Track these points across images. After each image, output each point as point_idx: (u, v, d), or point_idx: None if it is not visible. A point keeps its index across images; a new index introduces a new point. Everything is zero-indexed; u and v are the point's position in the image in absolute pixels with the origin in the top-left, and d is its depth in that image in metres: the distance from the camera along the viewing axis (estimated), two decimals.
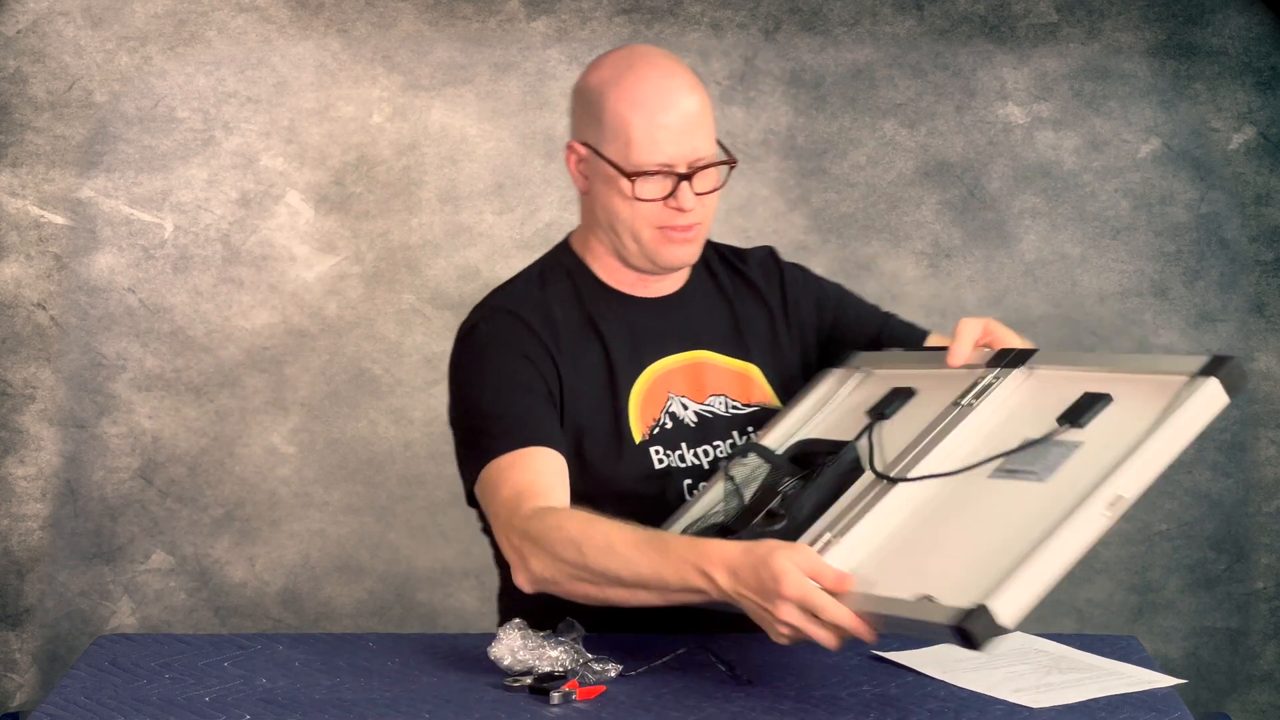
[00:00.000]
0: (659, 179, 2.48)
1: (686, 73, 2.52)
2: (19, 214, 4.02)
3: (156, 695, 2.21)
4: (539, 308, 2.55)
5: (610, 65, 2.53)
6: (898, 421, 2.44)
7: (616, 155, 2.48)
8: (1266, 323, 4.12)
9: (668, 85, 2.49)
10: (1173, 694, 2.21)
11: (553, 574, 2.30)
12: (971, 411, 2.36)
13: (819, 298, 2.72)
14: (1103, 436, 2.23)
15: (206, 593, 4.09)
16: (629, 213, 2.50)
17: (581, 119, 2.54)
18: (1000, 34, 4.09)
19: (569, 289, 2.59)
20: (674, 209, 2.50)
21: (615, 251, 2.57)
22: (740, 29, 4.08)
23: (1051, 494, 2.17)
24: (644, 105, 2.47)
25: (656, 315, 2.60)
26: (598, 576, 2.27)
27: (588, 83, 2.54)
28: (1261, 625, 4.15)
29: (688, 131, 2.48)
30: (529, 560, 2.32)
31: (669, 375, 2.58)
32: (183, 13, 4.02)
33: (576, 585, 2.30)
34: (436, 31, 4.06)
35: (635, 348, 2.57)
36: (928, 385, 2.48)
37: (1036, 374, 2.39)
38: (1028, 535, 2.10)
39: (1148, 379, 2.27)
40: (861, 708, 2.15)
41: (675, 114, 2.48)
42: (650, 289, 2.60)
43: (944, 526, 2.21)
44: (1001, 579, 2.05)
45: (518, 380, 2.48)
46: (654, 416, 2.55)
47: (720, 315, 2.64)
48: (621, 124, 2.48)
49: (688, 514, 2.48)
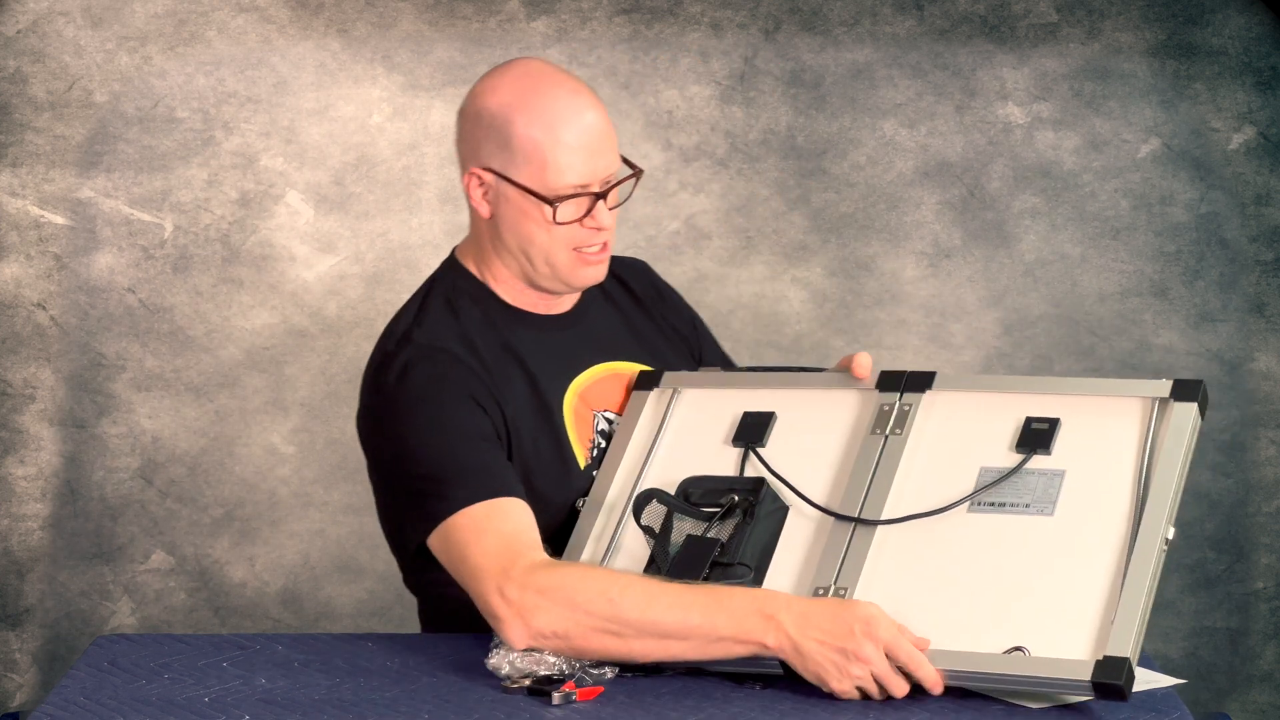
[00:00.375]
0: (575, 201, 2.43)
1: (586, 87, 2.46)
2: (19, 214, 4.02)
3: (156, 695, 2.21)
4: (463, 340, 2.47)
5: (509, 87, 2.44)
6: (784, 452, 2.38)
7: (530, 180, 2.41)
8: (1266, 323, 4.12)
9: (574, 103, 2.42)
10: (1173, 694, 2.21)
11: (566, 628, 2.23)
12: (905, 441, 2.33)
13: (692, 318, 2.71)
14: (1083, 463, 2.24)
15: (206, 593, 4.09)
16: (545, 238, 2.44)
17: (483, 144, 2.44)
18: (1000, 34, 4.09)
19: (480, 315, 2.50)
20: (591, 229, 2.44)
21: (523, 275, 2.50)
22: (740, 29, 4.08)
23: (1071, 528, 2.19)
24: (554, 127, 2.40)
25: (564, 332, 2.54)
26: (631, 628, 2.21)
27: (487, 106, 2.44)
28: (1261, 625, 4.15)
29: (599, 148, 2.43)
30: (533, 615, 2.23)
31: (589, 391, 2.53)
32: (183, 13, 4.02)
33: (593, 639, 2.23)
34: (436, 31, 4.06)
35: (555, 368, 2.51)
36: (788, 407, 2.43)
37: (941, 398, 2.36)
38: (1084, 574, 2.14)
39: (1100, 401, 2.28)
40: (861, 708, 2.14)
41: (586, 132, 2.41)
42: (553, 306, 2.54)
43: (955, 568, 2.21)
44: (1101, 624, 2.09)
45: (470, 427, 2.39)
46: (589, 438, 2.50)
47: (615, 323, 2.61)
48: (534, 148, 2.40)
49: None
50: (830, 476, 2.33)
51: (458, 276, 2.54)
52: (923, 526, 2.25)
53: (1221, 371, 4.10)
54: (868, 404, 2.39)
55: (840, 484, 2.32)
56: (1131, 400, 2.27)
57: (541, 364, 2.49)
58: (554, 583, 2.25)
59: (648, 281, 2.70)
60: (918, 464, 2.31)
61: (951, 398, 2.36)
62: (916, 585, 2.21)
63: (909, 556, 2.23)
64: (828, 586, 2.22)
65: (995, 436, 2.30)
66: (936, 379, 2.37)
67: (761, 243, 4.11)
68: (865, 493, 2.30)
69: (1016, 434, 2.29)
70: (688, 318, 2.71)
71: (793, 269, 4.11)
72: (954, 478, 2.28)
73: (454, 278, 2.54)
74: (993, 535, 2.22)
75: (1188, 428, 2.23)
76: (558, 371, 2.51)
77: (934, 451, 2.32)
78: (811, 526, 2.30)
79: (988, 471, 2.28)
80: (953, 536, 2.23)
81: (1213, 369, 4.09)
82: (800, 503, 2.32)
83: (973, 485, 2.27)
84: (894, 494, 2.28)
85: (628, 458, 2.45)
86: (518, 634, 2.24)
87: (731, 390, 2.48)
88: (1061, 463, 2.26)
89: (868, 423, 2.36)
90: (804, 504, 2.32)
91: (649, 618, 2.21)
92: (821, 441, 2.37)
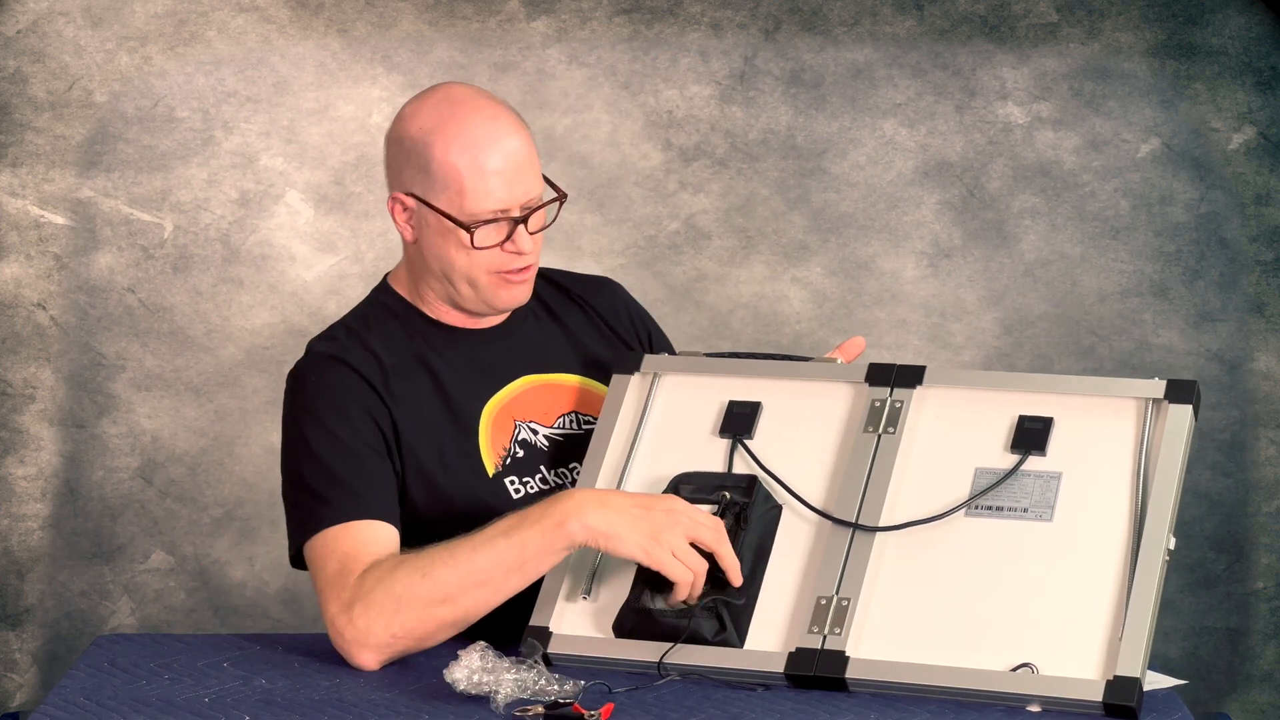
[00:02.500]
0: (494, 225, 2.44)
1: (508, 112, 2.47)
2: (19, 214, 4.02)
3: (156, 695, 2.21)
4: (365, 351, 2.49)
5: (429, 112, 2.46)
6: (773, 446, 2.37)
7: (449, 206, 2.43)
8: (1266, 323, 4.12)
9: (493, 129, 2.43)
10: (1173, 694, 2.21)
11: (401, 625, 2.27)
12: (899, 441, 2.32)
13: (649, 336, 2.70)
14: (1079, 465, 2.24)
15: (206, 593, 4.09)
16: (465, 261, 2.46)
17: (405, 169, 2.46)
18: (1000, 34, 4.09)
19: (396, 328, 2.53)
20: (511, 253, 2.45)
21: (447, 297, 2.52)
22: (740, 29, 4.08)
23: (1071, 535, 2.19)
24: (472, 152, 2.41)
25: (491, 346, 2.56)
26: (456, 589, 2.25)
27: (408, 131, 2.46)
28: (1261, 625, 4.15)
29: (518, 174, 2.43)
30: (368, 634, 2.27)
31: (514, 402, 2.54)
32: (183, 13, 4.02)
33: (430, 620, 2.27)
34: (436, 31, 4.06)
35: (475, 380, 2.52)
36: (775, 398, 2.41)
37: (933, 394, 2.36)
38: (1088, 587, 2.14)
39: (1094, 401, 2.28)
40: (862, 708, 2.15)
41: (505, 158, 2.42)
42: (479, 322, 2.56)
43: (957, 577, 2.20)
44: (1109, 642, 2.09)
45: (349, 441, 2.42)
46: (504, 445, 2.51)
47: (552, 335, 2.61)
48: (452, 174, 2.42)
49: None
50: (823, 476, 2.33)
51: (384, 295, 2.58)
52: (922, 532, 2.24)
53: (1221, 371, 4.10)
54: (858, 399, 2.37)
55: (834, 484, 2.31)
56: (1126, 401, 2.27)
57: (458, 375, 2.52)
58: (371, 588, 2.28)
59: (611, 301, 2.70)
60: (912, 464, 2.30)
61: (942, 394, 2.35)
62: (919, 596, 2.20)
63: (909, 564, 2.23)
64: (830, 597, 2.22)
65: (989, 436, 2.29)
66: (927, 374, 2.36)
67: (761, 243, 4.11)
68: (861, 495, 2.29)
69: (1010, 433, 2.29)
70: (644, 336, 2.70)
71: (793, 269, 4.11)
72: (949, 479, 2.27)
73: (380, 296, 2.58)
74: (992, 542, 2.21)
75: (1184, 432, 2.22)
76: (478, 382, 2.53)
77: (928, 451, 2.31)
78: (807, 529, 2.29)
79: (983, 473, 2.27)
80: (952, 543, 2.23)
81: (1213, 369, 4.10)
82: (795, 503, 2.31)
83: (969, 487, 2.26)
84: (890, 496, 2.28)
85: (612, 448, 2.44)
86: (365, 659, 2.29)
87: (714, 378, 2.46)
88: (1057, 464, 2.25)
89: (859, 419, 2.35)
90: (799, 505, 2.31)
91: (465, 571, 2.26)
92: (812, 437, 2.36)
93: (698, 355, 2.51)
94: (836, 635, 2.19)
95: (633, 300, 2.74)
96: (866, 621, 2.20)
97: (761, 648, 2.23)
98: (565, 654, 2.28)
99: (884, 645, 2.18)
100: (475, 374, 2.53)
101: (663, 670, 2.23)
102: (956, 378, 2.36)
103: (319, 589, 2.35)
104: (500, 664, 2.15)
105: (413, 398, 2.48)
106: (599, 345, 2.63)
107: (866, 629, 2.20)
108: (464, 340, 2.55)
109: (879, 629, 2.20)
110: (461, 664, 2.16)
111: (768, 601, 2.25)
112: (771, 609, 2.25)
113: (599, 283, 2.73)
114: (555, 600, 2.32)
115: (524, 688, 2.13)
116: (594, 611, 2.31)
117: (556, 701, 2.12)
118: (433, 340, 2.53)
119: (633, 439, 2.43)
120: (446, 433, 2.49)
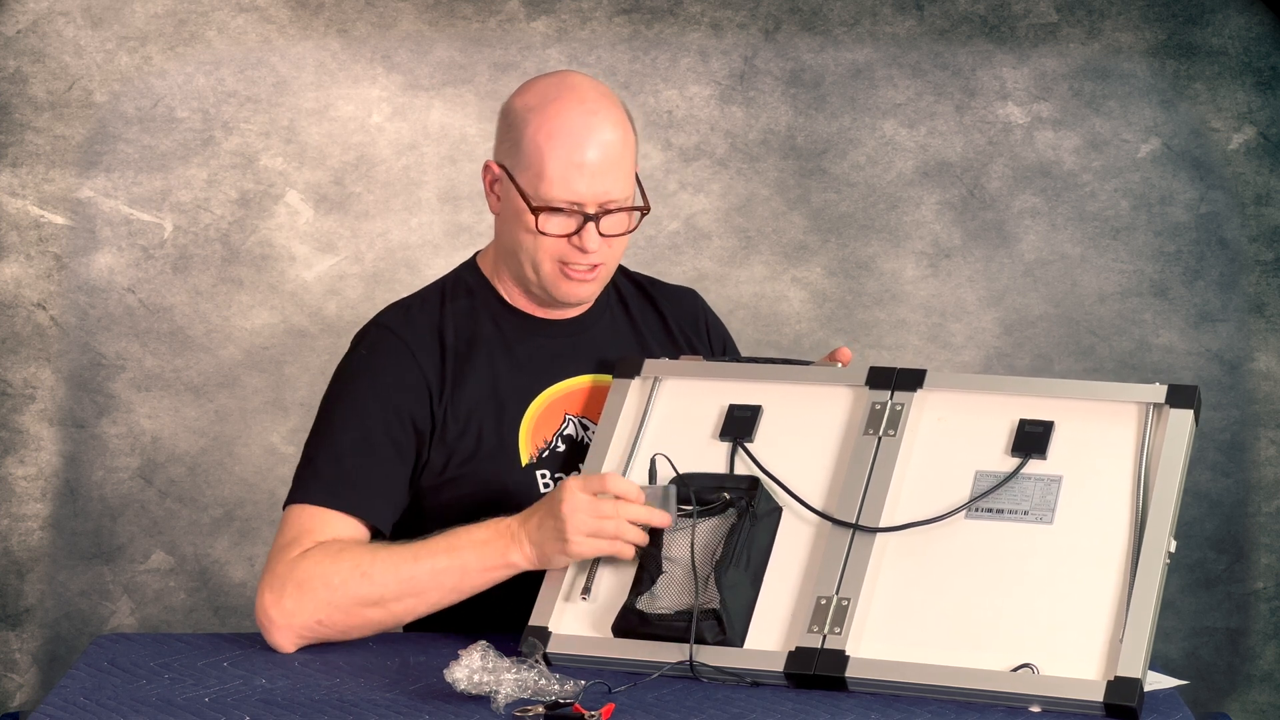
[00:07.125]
0: (565, 216, 2.44)
1: (614, 109, 2.46)
2: (19, 214, 4.02)
3: (156, 695, 2.21)
4: (429, 329, 2.51)
5: (537, 91, 2.48)
6: (773, 449, 2.37)
7: (526, 185, 2.44)
8: (1266, 323, 4.12)
9: (588, 123, 2.43)
10: (1173, 695, 2.21)
11: (326, 614, 2.32)
12: (899, 443, 2.32)
13: (726, 345, 2.71)
14: (1080, 469, 2.24)
15: (206, 592, 4.09)
16: (531, 244, 2.46)
17: (502, 141, 2.49)
18: (1000, 34, 4.09)
19: (468, 307, 2.54)
20: (577, 248, 2.45)
21: (516, 276, 2.53)
22: (740, 29, 4.08)
23: (1072, 538, 2.19)
24: (560, 140, 2.42)
25: (560, 338, 2.56)
26: (390, 593, 2.31)
27: (513, 105, 2.49)
28: (1261, 625, 4.15)
29: (599, 172, 2.43)
30: (291, 616, 2.32)
31: (569, 397, 2.54)
32: (183, 13, 4.02)
33: (355, 616, 2.32)
34: (436, 31, 4.06)
35: (533, 371, 2.53)
36: (775, 401, 2.41)
37: (933, 397, 2.35)
38: (1089, 589, 2.14)
39: (1095, 405, 2.28)
40: (862, 709, 2.15)
41: (591, 153, 2.42)
42: (553, 313, 2.56)
43: (957, 578, 2.20)
44: (1109, 643, 2.10)
45: (372, 428, 2.44)
46: (546, 438, 2.51)
47: (624, 338, 2.60)
48: (536, 154, 2.43)
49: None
50: (824, 478, 2.33)
51: (467, 272, 2.59)
52: (921, 534, 2.24)
53: (1221, 371, 4.10)
54: (859, 402, 2.37)
55: (835, 486, 2.31)
56: (1126, 405, 2.27)
57: (517, 363, 2.52)
58: (306, 573, 2.32)
59: (692, 312, 2.70)
60: (912, 467, 2.30)
61: (943, 398, 2.35)
62: (920, 597, 2.20)
63: (909, 565, 2.23)
64: (830, 596, 2.22)
65: (989, 439, 2.29)
66: (927, 377, 2.36)
67: (761, 242, 4.11)
68: (862, 497, 2.29)
69: (1010, 436, 2.29)
70: (719, 350, 2.70)
71: (793, 269, 4.11)
72: (950, 482, 2.27)
73: (463, 272, 2.59)
74: (993, 544, 2.21)
75: (1184, 437, 2.22)
76: (535, 372, 2.53)
77: (928, 454, 2.31)
78: (808, 531, 2.29)
79: (983, 475, 2.27)
80: (952, 544, 2.23)
81: (1213, 369, 4.10)
82: (796, 505, 2.31)
83: (969, 490, 2.26)
84: (890, 498, 2.28)
85: (613, 451, 2.44)
86: (282, 640, 2.33)
87: (714, 381, 2.46)
88: (1058, 468, 2.25)
89: (860, 422, 2.35)
90: (800, 507, 2.31)
91: (402, 577, 2.31)
92: (812, 440, 2.36)
93: (698, 360, 2.51)
94: (836, 635, 2.19)
95: (712, 313, 2.74)
96: (867, 621, 2.20)
97: (762, 647, 2.23)
98: (565, 654, 2.28)
99: (884, 645, 2.18)
100: (535, 364, 2.53)
101: (695, 671, 2.22)
102: (956, 381, 2.36)
103: (269, 553, 2.38)
104: (501, 664, 2.15)
105: (465, 379, 2.49)
106: (669, 355, 2.61)
107: (867, 629, 2.20)
108: (534, 329, 2.55)
109: (879, 629, 2.20)
110: (462, 664, 2.16)
111: (768, 601, 2.25)
112: (772, 609, 2.25)
113: (682, 292, 2.72)
114: (555, 600, 2.32)
115: (524, 688, 2.13)
116: (594, 612, 2.31)
117: (557, 701, 2.12)
118: (502, 324, 2.54)
119: (633, 443, 2.43)
120: (489, 418, 2.49)
